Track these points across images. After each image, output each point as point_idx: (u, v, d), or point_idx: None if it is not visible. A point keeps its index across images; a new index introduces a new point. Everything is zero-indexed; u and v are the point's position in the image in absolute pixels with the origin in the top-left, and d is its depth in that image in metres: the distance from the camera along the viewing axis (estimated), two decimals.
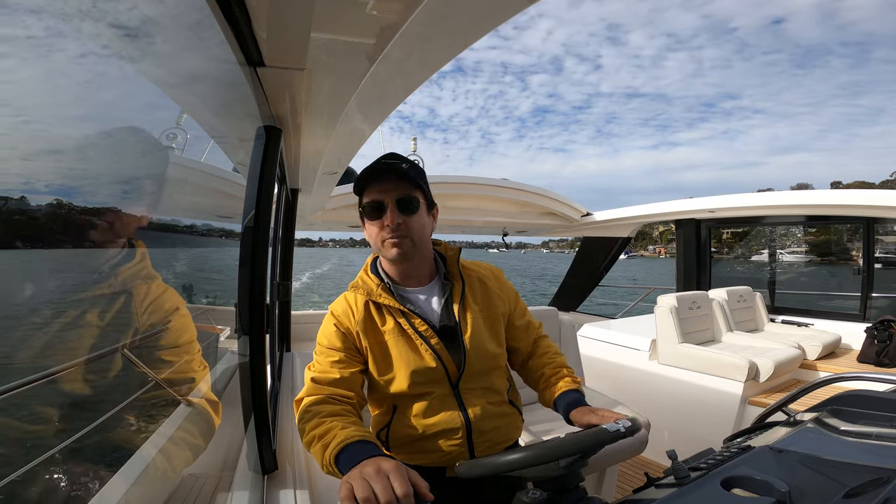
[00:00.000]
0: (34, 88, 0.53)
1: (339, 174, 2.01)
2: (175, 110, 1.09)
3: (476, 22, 0.67)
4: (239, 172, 1.68)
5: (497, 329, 1.02)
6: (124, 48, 0.64)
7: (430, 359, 0.92)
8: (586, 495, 0.72)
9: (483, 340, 0.97)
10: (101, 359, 0.91)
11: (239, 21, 0.64)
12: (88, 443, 0.88)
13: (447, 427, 0.93)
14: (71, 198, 0.76)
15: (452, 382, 0.95)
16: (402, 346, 0.93)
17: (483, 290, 1.03)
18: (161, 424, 1.05)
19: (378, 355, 0.94)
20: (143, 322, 0.94)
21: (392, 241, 0.91)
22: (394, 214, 0.90)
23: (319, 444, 0.76)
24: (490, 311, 1.02)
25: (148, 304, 0.95)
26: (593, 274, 5.11)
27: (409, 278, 0.99)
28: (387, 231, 0.91)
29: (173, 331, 1.05)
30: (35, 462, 0.76)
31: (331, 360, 0.93)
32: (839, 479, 0.56)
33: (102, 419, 0.92)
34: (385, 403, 0.99)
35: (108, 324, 0.89)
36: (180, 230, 1.63)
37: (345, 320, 0.96)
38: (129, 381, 1.00)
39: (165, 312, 1.01)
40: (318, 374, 0.92)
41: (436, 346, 0.93)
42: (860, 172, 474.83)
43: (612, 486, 1.82)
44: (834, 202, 3.11)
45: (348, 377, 0.91)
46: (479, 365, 0.96)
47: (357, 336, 0.95)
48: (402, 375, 0.92)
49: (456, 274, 1.01)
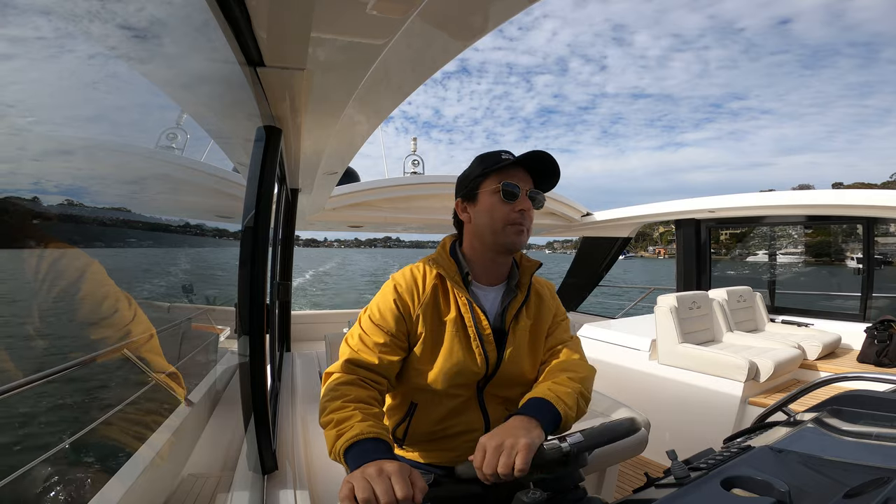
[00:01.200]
0: (35, 89, 0.53)
1: (339, 174, 2.01)
2: (175, 110, 1.09)
3: (476, 22, 0.67)
4: (239, 172, 1.68)
5: (538, 346, 0.99)
6: (124, 48, 0.64)
7: (479, 360, 0.91)
8: (586, 495, 0.72)
9: (522, 356, 0.95)
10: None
11: (239, 21, 0.64)
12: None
13: (467, 428, 0.93)
14: (78, 197, 0.76)
15: (479, 385, 0.94)
16: (458, 340, 0.91)
17: (538, 305, 1.02)
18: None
19: (429, 344, 0.92)
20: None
21: (519, 226, 0.91)
22: (525, 201, 0.91)
23: (335, 429, 0.75)
24: (538, 328, 1.00)
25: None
26: (593, 274, 5.11)
27: (486, 274, 0.97)
28: (517, 215, 0.90)
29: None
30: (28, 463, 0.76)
31: (375, 340, 0.89)
32: (839, 479, 0.56)
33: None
34: (405, 396, 0.97)
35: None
36: (175, 229, 1.62)
37: (407, 297, 0.92)
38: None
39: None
40: (356, 355, 0.89)
41: (488, 349, 0.91)
42: (869, 173, 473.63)
43: (612, 486, 1.82)
44: (834, 202, 3.11)
45: (387, 364, 0.89)
46: (509, 378, 0.94)
47: (416, 320, 0.91)
48: (444, 369, 0.90)
49: (526, 284, 1.00)
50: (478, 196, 0.94)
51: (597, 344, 3.20)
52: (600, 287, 5.32)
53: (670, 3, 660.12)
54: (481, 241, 0.95)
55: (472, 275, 0.97)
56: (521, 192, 0.91)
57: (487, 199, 0.92)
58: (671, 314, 2.77)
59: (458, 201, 0.99)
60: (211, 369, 2.31)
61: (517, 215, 0.90)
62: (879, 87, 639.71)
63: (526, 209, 0.91)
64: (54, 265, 0.93)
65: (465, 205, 0.97)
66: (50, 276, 0.92)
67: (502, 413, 0.95)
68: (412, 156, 4.02)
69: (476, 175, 0.93)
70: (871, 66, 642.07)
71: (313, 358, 2.48)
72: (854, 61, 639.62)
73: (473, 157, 0.97)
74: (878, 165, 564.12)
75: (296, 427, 1.49)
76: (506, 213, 0.90)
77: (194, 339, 2.37)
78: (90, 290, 1.07)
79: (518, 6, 0.63)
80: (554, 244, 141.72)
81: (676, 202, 3.99)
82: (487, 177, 0.92)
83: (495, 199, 0.91)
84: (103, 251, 1.14)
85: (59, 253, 0.96)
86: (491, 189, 0.91)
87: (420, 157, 4.00)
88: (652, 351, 2.92)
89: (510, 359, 0.93)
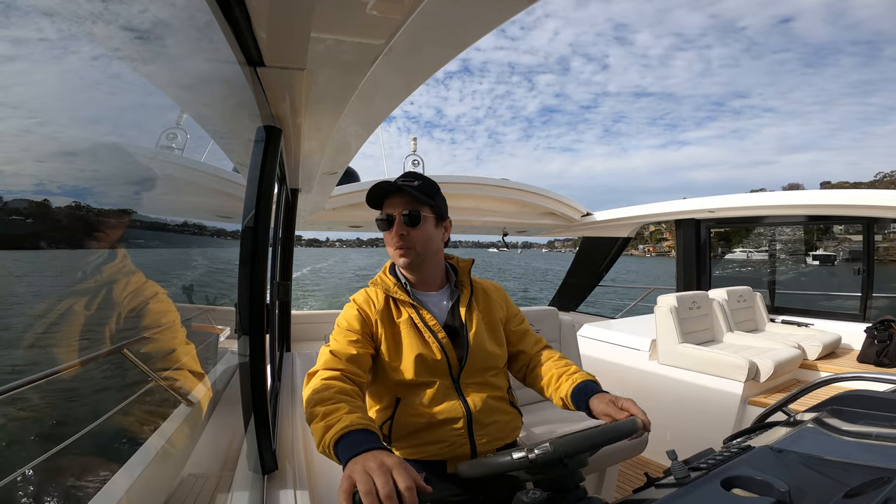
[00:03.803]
0: (38, 90, 0.53)
1: (339, 174, 2.01)
2: (175, 110, 1.09)
3: (477, 21, 0.67)
4: (239, 172, 1.68)
5: (497, 332, 1.13)
6: (124, 48, 0.64)
7: (436, 350, 1.02)
8: (586, 495, 0.72)
9: (484, 340, 1.08)
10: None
11: (239, 21, 0.63)
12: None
13: (449, 416, 0.99)
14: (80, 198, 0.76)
15: (453, 376, 1.04)
16: (412, 336, 1.03)
17: (486, 300, 1.16)
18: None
19: (391, 343, 1.04)
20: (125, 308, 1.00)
21: (399, 250, 1.05)
22: (399, 227, 1.04)
23: (323, 422, 0.77)
24: (492, 318, 1.14)
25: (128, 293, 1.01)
26: (593, 274, 5.11)
27: (421, 283, 1.12)
28: (396, 240, 1.04)
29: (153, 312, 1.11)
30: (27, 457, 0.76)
31: (349, 339, 1.01)
32: (839, 479, 0.56)
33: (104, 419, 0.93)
34: (388, 395, 1.06)
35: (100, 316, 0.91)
36: (172, 229, 1.62)
37: (366, 307, 1.07)
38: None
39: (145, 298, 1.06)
40: (336, 348, 1.00)
41: (442, 340, 1.03)
42: (870, 171, 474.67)
43: (612, 486, 1.83)
44: (834, 202, 3.11)
45: (363, 356, 1.00)
46: (479, 361, 1.05)
47: (375, 323, 1.05)
48: (409, 362, 1.01)
49: (466, 283, 1.15)
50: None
51: (597, 344, 3.20)
52: (600, 287, 5.32)
53: (672, 2, 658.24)
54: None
55: (413, 284, 1.12)
56: (396, 219, 1.04)
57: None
58: (671, 314, 2.77)
59: None
60: (211, 369, 2.31)
61: (395, 239, 1.04)
62: (883, 85, 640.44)
63: (404, 234, 1.04)
64: (93, 263, 0.97)
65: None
66: (84, 275, 0.95)
67: (480, 399, 1.03)
68: (412, 156, 4.02)
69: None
70: (873, 63, 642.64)
71: (313, 358, 2.47)
72: (856, 59, 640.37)
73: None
74: (879, 164, 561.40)
75: (296, 427, 1.49)
76: (389, 241, 1.07)
77: (194, 338, 2.37)
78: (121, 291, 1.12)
79: (518, 6, 0.63)
80: (555, 243, 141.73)
81: (676, 202, 3.99)
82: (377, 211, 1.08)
83: (381, 230, 1.08)
84: (104, 251, 1.14)
85: (101, 252, 1.00)
86: (377, 222, 1.08)
87: (420, 157, 3.99)
88: (652, 351, 2.92)
89: (474, 345, 1.05)
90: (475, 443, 0.99)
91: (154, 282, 1.22)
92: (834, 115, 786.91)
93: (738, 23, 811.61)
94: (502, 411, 1.06)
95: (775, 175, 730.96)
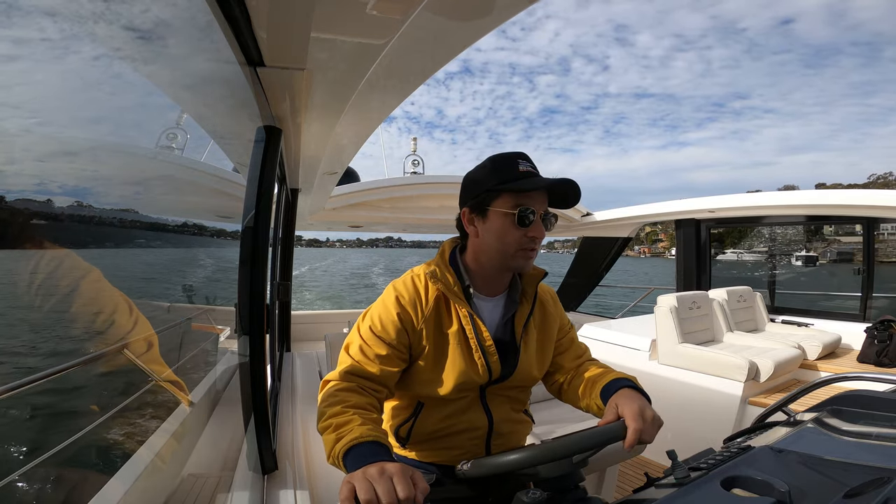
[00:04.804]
0: (39, 90, 0.53)
1: (339, 174, 2.01)
2: (175, 110, 1.09)
3: (477, 22, 0.67)
4: (239, 172, 1.68)
5: (546, 354, 1.00)
6: (125, 49, 0.64)
7: (482, 370, 0.89)
8: (586, 495, 0.72)
9: (532, 365, 0.96)
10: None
11: (239, 21, 0.64)
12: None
13: (471, 426, 0.94)
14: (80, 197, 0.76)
15: (482, 386, 0.93)
16: (460, 352, 0.89)
17: (542, 315, 1.01)
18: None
19: (433, 356, 0.90)
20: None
21: (531, 252, 0.88)
22: (541, 228, 0.87)
23: (334, 434, 0.75)
24: (546, 336, 1.00)
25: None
26: (593, 274, 5.11)
27: (487, 286, 0.95)
28: (528, 241, 0.87)
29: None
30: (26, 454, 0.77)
31: (377, 351, 0.87)
32: (839, 479, 0.56)
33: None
34: (410, 398, 0.96)
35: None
36: (174, 229, 1.62)
37: (410, 309, 0.89)
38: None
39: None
40: (356, 366, 0.87)
41: (491, 360, 0.90)
42: (869, 172, 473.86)
43: (612, 486, 1.82)
44: (834, 202, 3.11)
45: (387, 375, 0.87)
46: (517, 382, 0.95)
47: (419, 332, 0.89)
48: (449, 380, 0.89)
49: (531, 295, 0.97)
50: (488, 213, 0.88)
51: (597, 344, 3.20)
52: (600, 287, 5.32)
53: (672, 3, 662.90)
54: (488, 257, 0.91)
55: (473, 286, 0.93)
56: (536, 217, 0.86)
57: (499, 220, 0.87)
58: (671, 314, 2.77)
59: (464, 210, 0.92)
60: (211, 369, 2.31)
61: (528, 241, 0.86)
62: (883, 86, 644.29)
63: (538, 236, 0.87)
64: (57, 268, 0.93)
65: (472, 216, 0.91)
66: (52, 279, 0.92)
67: (505, 411, 0.96)
68: (412, 156, 4.02)
69: (489, 188, 0.87)
70: (873, 64, 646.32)
71: (313, 358, 2.48)
72: (857, 60, 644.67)
73: (475, 157, 0.97)
74: (879, 165, 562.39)
75: (296, 427, 1.49)
76: (517, 238, 0.86)
77: (195, 338, 2.37)
78: (89, 294, 1.08)
79: (518, 6, 0.63)
80: (555, 244, 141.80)
81: (676, 202, 3.99)
82: (501, 194, 0.86)
83: (508, 221, 0.86)
84: (105, 251, 1.14)
85: (63, 255, 0.96)
86: (505, 210, 0.86)
87: (420, 157, 4.00)
88: (652, 351, 2.92)
89: (520, 370, 0.93)
90: (490, 451, 0.96)
91: (87, 263, 1.14)
92: (834, 116, 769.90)
93: (738, 24, 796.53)
94: (520, 422, 1.01)
95: (776, 176, 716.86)
